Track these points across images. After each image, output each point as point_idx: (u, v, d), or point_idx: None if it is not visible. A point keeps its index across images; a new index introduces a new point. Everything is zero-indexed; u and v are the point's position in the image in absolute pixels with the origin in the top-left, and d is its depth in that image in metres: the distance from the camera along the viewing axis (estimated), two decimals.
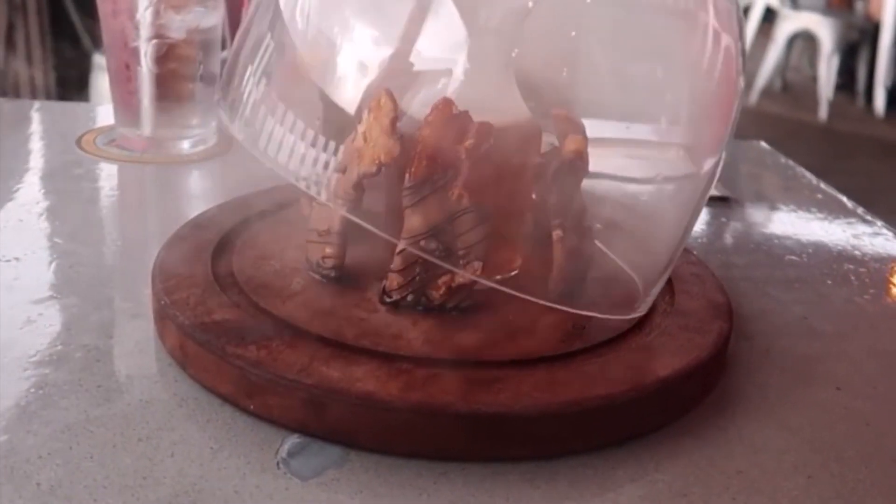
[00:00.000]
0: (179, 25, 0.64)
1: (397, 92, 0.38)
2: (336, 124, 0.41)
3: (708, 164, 0.44)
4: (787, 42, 4.18)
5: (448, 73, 0.41)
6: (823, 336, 0.48)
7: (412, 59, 0.40)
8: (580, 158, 0.39)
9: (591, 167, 0.41)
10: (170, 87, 0.65)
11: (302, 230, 0.44)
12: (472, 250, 0.39)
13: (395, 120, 0.38)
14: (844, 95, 4.17)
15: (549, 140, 0.43)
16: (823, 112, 3.95)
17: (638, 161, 0.46)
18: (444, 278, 0.40)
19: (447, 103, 0.37)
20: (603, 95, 0.47)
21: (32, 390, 0.37)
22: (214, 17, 0.66)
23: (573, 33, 0.48)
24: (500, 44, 0.42)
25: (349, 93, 0.41)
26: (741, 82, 0.44)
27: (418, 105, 0.40)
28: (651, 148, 0.46)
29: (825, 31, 4.02)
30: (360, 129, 0.39)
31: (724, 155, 0.43)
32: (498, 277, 0.43)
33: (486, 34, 0.41)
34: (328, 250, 0.42)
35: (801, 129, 3.84)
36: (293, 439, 0.36)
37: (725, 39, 0.42)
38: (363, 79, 0.44)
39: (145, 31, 0.63)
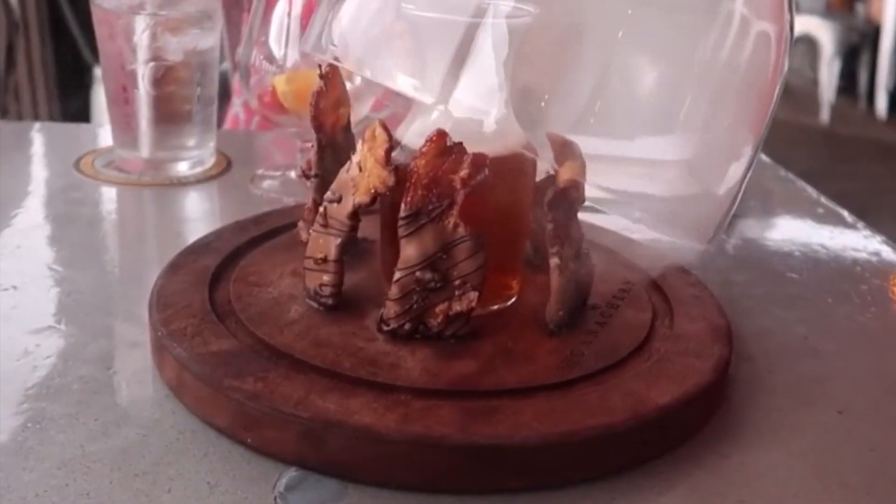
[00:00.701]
0: (176, 48, 0.64)
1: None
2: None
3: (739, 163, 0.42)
4: None
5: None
6: (825, 356, 0.48)
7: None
8: (576, 187, 0.39)
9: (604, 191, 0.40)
10: (167, 108, 0.65)
11: (299, 257, 0.44)
12: (469, 279, 0.39)
13: (389, 150, 0.38)
14: (846, 98, 4.16)
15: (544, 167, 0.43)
16: (825, 115, 3.94)
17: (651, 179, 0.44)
18: (442, 306, 0.40)
19: (441, 135, 0.37)
20: (612, 109, 0.47)
21: (29, 425, 0.37)
22: (211, 39, 0.66)
23: (575, 47, 0.47)
24: (496, 69, 0.41)
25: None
26: (783, 68, 0.41)
27: (413, 135, 0.40)
28: (664, 166, 0.44)
29: (826, 34, 4.02)
30: (355, 159, 0.39)
31: (760, 145, 0.42)
32: (495, 307, 0.43)
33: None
34: (325, 278, 0.42)
35: (803, 132, 3.83)
36: (291, 473, 0.35)
37: (759, 26, 0.41)
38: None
39: (142, 53, 0.63)
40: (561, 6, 0.45)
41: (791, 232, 0.67)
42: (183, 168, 0.67)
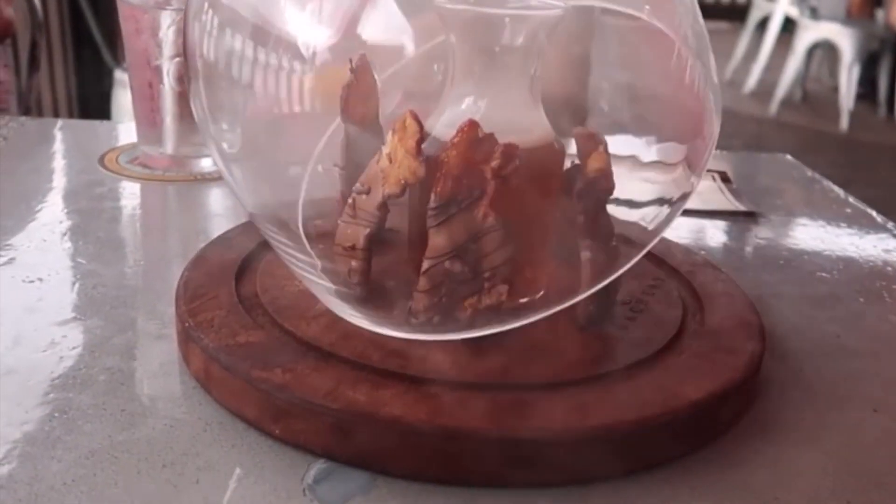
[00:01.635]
0: None
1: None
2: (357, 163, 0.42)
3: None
4: (806, 52, 4.15)
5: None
6: (858, 355, 0.47)
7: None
8: (604, 177, 0.38)
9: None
10: None
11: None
12: (498, 271, 0.38)
13: (420, 141, 0.38)
14: (865, 105, 4.13)
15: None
16: (844, 122, 3.92)
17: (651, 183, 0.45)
18: (471, 300, 0.39)
19: (473, 125, 0.37)
20: (624, 110, 0.47)
21: (56, 415, 0.37)
22: None
23: (597, 47, 0.47)
24: (524, 63, 0.41)
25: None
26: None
27: (443, 126, 0.40)
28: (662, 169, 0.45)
29: (845, 40, 3.99)
30: (385, 150, 0.39)
31: None
32: (524, 299, 0.43)
33: (510, 53, 0.40)
34: (354, 264, 0.42)
35: (822, 139, 3.81)
36: (319, 465, 0.35)
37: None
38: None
39: (168, 49, 0.64)
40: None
41: (820, 231, 0.66)
42: (207, 164, 0.67)
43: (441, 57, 0.43)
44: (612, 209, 0.41)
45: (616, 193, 0.41)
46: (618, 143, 0.42)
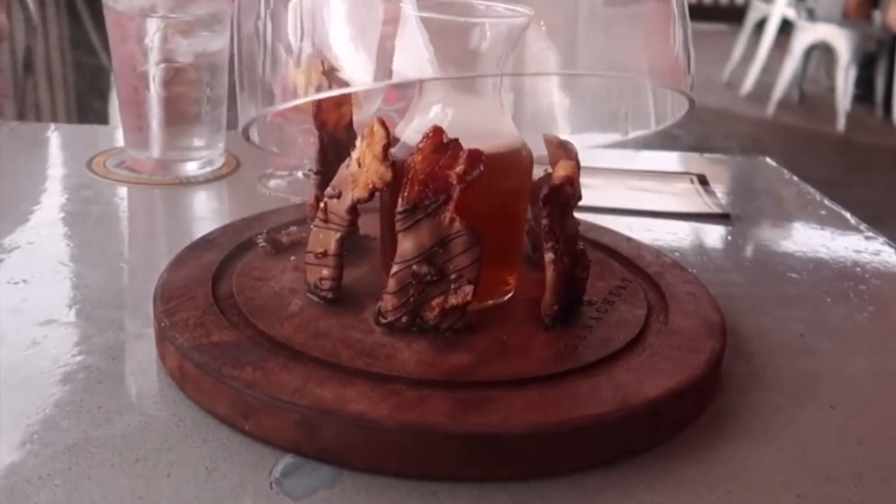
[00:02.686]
0: (187, 50, 0.65)
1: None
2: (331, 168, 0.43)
3: None
4: (804, 54, 4.16)
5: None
6: (820, 354, 0.48)
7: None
8: (570, 184, 0.39)
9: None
10: (177, 109, 0.67)
11: (301, 252, 0.45)
12: (465, 273, 0.40)
13: (387, 146, 0.39)
14: (862, 106, 4.14)
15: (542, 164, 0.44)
16: (841, 123, 3.92)
17: None
18: (438, 300, 0.40)
19: (437, 130, 0.38)
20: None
21: (34, 412, 0.38)
22: (221, 41, 0.67)
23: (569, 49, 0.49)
24: (492, 68, 0.42)
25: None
26: None
27: (413, 132, 0.41)
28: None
29: (842, 42, 4.00)
30: (354, 155, 0.40)
31: None
32: (491, 301, 0.44)
33: (477, 60, 0.42)
34: (325, 272, 0.43)
35: (819, 140, 3.82)
36: (286, 460, 0.36)
37: None
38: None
39: (153, 55, 0.65)
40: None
41: (793, 233, 0.67)
42: (192, 168, 0.69)
43: None
44: None
45: None
46: None
